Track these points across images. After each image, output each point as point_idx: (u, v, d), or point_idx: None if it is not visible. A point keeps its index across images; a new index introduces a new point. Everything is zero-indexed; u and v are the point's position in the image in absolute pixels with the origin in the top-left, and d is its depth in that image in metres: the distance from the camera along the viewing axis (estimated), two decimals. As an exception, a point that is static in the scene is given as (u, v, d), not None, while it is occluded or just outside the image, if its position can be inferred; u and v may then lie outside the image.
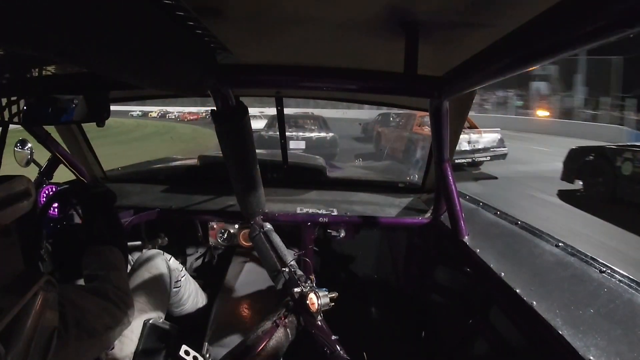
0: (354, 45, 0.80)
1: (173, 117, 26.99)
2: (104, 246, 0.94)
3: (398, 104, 1.76)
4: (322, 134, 8.51)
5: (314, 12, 0.61)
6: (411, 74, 0.76)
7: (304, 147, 7.88)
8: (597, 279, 0.90)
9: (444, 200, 1.26)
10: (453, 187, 1.19)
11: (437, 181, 1.39)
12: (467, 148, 6.95)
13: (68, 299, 0.72)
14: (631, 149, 4.88)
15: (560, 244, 1.07)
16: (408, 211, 1.58)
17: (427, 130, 6.49)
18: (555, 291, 0.88)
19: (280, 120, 1.87)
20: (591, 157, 5.37)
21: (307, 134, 8.39)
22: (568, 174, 5.70)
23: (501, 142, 7.31)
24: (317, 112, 10.74)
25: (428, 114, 1.11)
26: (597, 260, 0.96)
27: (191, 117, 25.34)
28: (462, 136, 5.45)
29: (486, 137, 7.20)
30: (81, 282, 0.95)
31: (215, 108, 1.07)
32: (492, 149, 7.20)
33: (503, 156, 7.31)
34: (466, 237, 1.21)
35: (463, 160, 6.94)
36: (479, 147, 7.08)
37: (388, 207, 1.63)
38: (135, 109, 28.25)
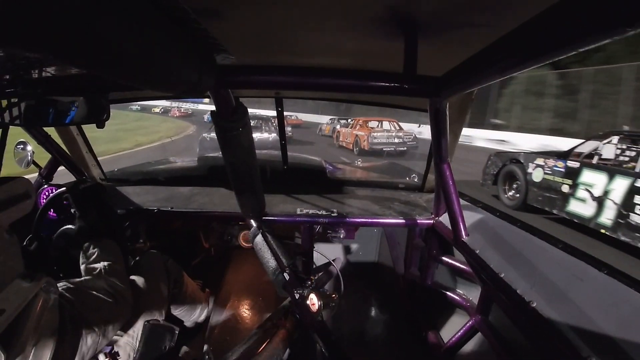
0: (353, 46, 0.80)
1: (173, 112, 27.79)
2: (99, 239, 0.95)
3: (397, 105, 1.76)
4: (274, 135, 8.57)
5: (313, 12, 0.61)
6: (410, 74, 0.76)
7: None
8: (597, 278, 0.90)
9: (444, 201, 1.26)
10: (453, 187, 1.19)
11: (436, 182, 1.39)
12: (395, 141, 10.50)
13: (65, 296, 0.72)
14: (543, 155, 4.98)
15: (560, 245, 1.07)
16: (408, 212, 1.58)
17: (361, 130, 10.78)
18: (555, 290, 0.88)
19: (280, 122, 1.87)
20: (507, 163, 5.47)
21: (265, 135, 8.66)
22: (486, 180, 5.81)
23: (415, 138, 10.56)
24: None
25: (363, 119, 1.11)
26: (597, 260, 0.96)
27: (178, 114, 26.66)
28: (390, 133, 8.71)
29: (405, 134, 10.64)
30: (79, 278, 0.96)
31: (214, 109, 1.07)
32: (408, 142, 10.51)
33: (415, 147, 10.45)
34: (466, 237, 1.21)
35: (389, 149, 10.37)
36: (401, 140, 10.52)
37: (388, 208, 1.63)
38: (136, 104, 28.25)
